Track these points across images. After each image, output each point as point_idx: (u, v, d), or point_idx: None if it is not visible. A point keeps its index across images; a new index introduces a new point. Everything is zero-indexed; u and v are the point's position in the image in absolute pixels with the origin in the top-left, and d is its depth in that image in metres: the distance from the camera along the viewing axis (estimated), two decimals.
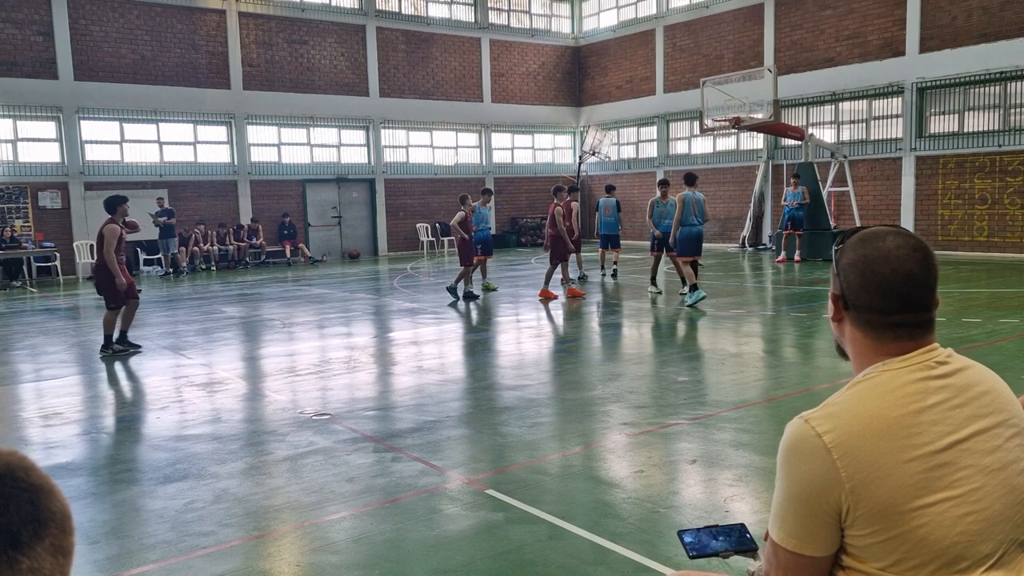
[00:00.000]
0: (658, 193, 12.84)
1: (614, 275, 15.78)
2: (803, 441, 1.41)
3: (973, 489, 1.37)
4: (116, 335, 9.30)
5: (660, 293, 12.88)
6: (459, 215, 13.26)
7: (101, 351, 9.20)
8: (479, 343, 9.72)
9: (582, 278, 15.38)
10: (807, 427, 1.41)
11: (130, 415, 6.66)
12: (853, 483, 1.36)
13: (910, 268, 1.44)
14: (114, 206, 9.24)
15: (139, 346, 9.46)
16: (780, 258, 18.19)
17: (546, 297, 12.75)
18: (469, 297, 13.13)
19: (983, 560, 1.37)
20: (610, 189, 16.21)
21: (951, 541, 1.35)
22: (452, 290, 13.14)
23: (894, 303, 1.45)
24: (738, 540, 1.79)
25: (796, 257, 17.86)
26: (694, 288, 11.37)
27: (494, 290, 14.11)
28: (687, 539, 1.79)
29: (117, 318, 9.27)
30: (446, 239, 24.08)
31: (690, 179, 11.81)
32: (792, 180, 18.35)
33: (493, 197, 13.30)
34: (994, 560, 1.38)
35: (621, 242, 15.98)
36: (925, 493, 1.35)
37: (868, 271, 1.46)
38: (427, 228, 24.92)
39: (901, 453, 1.37)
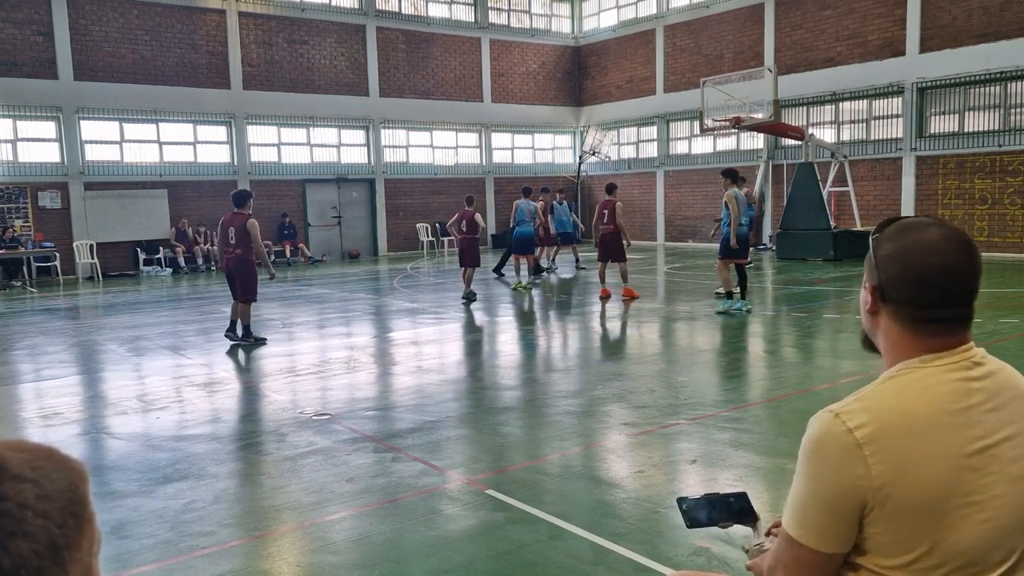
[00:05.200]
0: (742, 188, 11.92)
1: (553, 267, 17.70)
2: (832, 436, 1.35)
3: (995, 496, 1.34)
4: (241, 330, 9.65)
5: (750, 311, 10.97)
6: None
7: (242, 339, 9.58)
8: (478, 343, 9.72)
9: (549, 269, 17.34)
10: (837, 421, 1.36)
11: (130, 415, 6.65)
12: (882, 481, 1.32)
13: (952, 261, 1.39)
14: (243, 199, 9.50)
15: (264, 339, 9.77)
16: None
17: (630, 296, 12.50)
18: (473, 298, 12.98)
19: (994, 567, 1.35)
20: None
21: (968, 545, 1.32)
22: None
23: (934, 297, 1.39)
24: (739, 510, 1.77)
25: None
26: (730, 295, 10.83)
27: (527, 289, 14.25)
28: (686, 507, 1.77)
29: (249, 310, 9.70)
30: (446, 239, 24.04)
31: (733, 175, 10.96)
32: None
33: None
34: (1005, 568, 1.36)
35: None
36: (951, 496, 1.32)
37: (909, 263, 1.40)
38: (427, 228, 24.90)
39: (932, 453, 1.33)
